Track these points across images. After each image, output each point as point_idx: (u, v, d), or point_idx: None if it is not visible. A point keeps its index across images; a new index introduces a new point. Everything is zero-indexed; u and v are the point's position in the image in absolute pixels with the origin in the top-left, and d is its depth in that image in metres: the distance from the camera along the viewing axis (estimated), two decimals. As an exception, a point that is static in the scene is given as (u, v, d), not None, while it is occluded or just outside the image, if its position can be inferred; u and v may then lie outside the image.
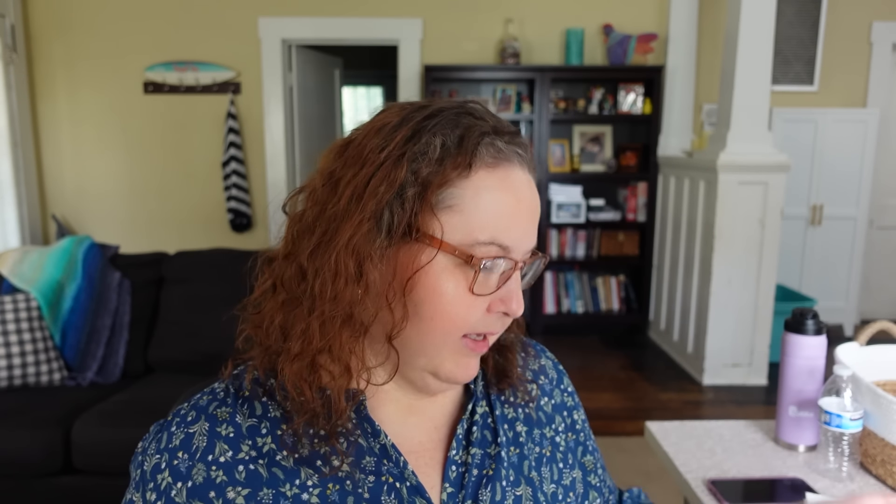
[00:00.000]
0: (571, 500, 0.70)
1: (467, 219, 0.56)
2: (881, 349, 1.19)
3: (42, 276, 2.47)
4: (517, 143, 0.60)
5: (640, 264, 4.41)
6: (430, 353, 0.60)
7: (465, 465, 0.64)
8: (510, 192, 0.57)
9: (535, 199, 0.60)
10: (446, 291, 0.56)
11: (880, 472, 1.08)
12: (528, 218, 0.59)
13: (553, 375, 0.77)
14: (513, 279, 0.59)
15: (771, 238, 3.43)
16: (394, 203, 0.55)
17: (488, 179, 0.56)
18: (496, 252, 0.57)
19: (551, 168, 4.32)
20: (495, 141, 0.58)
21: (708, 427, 1.29)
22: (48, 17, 4.13)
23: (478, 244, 0.56)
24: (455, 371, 0.61)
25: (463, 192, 0.56)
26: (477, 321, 0.59)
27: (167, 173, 4.34)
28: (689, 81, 4.27)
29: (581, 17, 4.28)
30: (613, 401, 3.36)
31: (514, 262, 0.58)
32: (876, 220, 4.68)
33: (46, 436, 2.09)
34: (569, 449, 0.73)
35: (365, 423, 0.61)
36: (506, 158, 0.58)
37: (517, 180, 0.58)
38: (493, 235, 0.56)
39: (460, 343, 0.60)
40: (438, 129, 0.57)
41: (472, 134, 0.57)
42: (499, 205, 0.57)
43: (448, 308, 0.57)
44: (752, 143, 3.36)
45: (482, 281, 0.57)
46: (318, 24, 4.21)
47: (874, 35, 4.46)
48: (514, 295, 0.59)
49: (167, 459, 0.58)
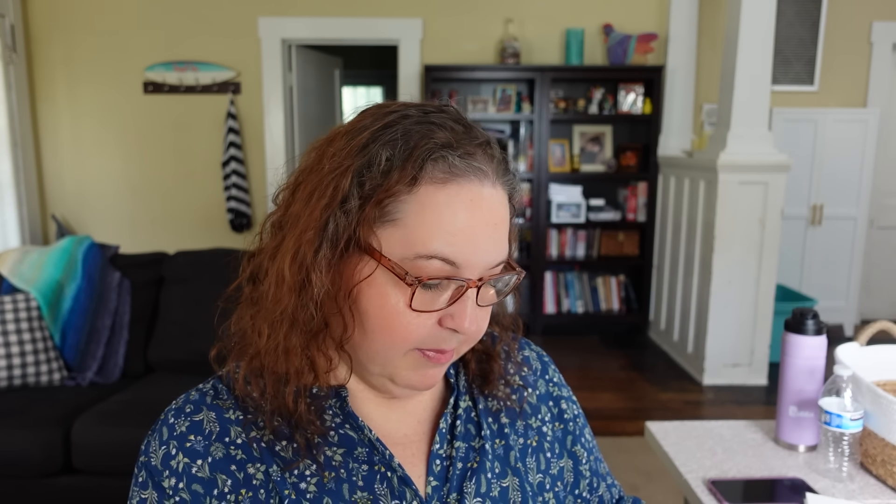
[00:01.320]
0: (559, 489, 0.70)
1: (409, 233, 0.54)
2: (881, 349, 1.19)
3: (42, 276, 2.47)
4: (479, 157, 0.57)
5: (640, 264, 4.41)
6: (382, 361, 0.59)
7: (450, 459, 0.64)
8: (461, 209, 0.55)
9: (497, 213, 0.57)
10: (386, 305, 0.55)
11: (880, 472, 1.08)
12: (485, 234, 0.56)
13: (537, 366, 0.76)
14: (465, 297, 0.57)
15: (771, 238, 3.43)
16: (338, 213, 0.55)
17: (436, 195, 0.54)
18: (439, 268, 0.55)
19: (551, 168, 4.32)
20: (448, 155, 0.55)
21: (708, 427, 1.29)
22: (48, 16, 4.13)
23: (419, 258, 0.54)
24: (412, 379, 0.60)
25: (407, 206, 0.54)
26: (426, 336, 0.57)
27: (167, 173, 4.34)
28: (689, 81, 4.27)
29: (581, 17, 4.28)
30: (613, 401, 3.36)
31: (467, 281, 0.56)
32: (876, 220, 4.68)
33: (46, 436, 2.09)
34: (556, 439, 0.73)
35: (350, 419, 0.62)
36: (459, 174, 0.55)
37: (472, 196, 0.56)
38: (437, 250, 0.54)
39: (414, 354, 0.59)
40: (390, 141, 0.55)
41: (422, 147, 0.55)
42: (445, 220, 0.54)
43: (390, 322, 0.56)
44: (752, 143, 3.36)
45: (423, 297, 0.56)
46: (318, 24, 4.21)
47: (874, 35, 4.46)
48: (465, 314, 0.57)
49: (177, 445, 0.59)
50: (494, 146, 0.60)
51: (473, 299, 0.57)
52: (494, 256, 0.57)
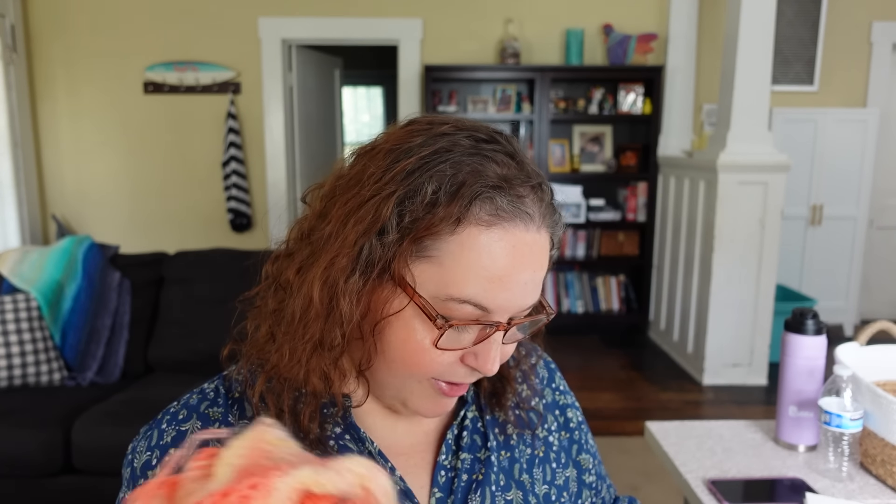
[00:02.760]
0: (565, 499, 0.70)
1: (445, 273, 0.52)
2: (881, 349, 1.19)
3: (42, 276, 2.47)
4: (528, 201, 0.54)
5: (640, 264, 4.41)
6: (397, 387, 0.59)
7: (455, 470, 0.64)
8: (503, 255, 0.52)
9: (538, 261, 0.55)
10: (412, 340, 0.54)
11: (880, 472, 1.08)
12: (522, 281, 0.54)
13: (544, 374, 0.75)
14: (491, 340, 0.55)
15: (771, 238, 3.43)
16: (374, 242, 0.52)
17: (480, 237, 0.52)
18: (471, 312, 0.53)
19: (551, 168, 4.32)
20: (497, 197, 0.52)
21: (708, 427, 1.29)
22: (48, 16, 4.13)
23: (452, 300, 0.52)
24: (423, 406, 0.60)
25: (447, 245, 0.52)
26: (445, 370, 0.57)
27: (167, 173, 4.34)
28: (689, 81, 4.27)
29: (581, 17, 4.28)
30: (613, 401, 3.36)
31: (496, 324, 0.55)
32: (876, 220, 4.68)
33: (46, 436, 2.09)
34: (562, 448, 0.72)
35: (351, 430, 0.61)
36: (507, 218, 0.53)
37: (516, 242, 0.53)
38: (471, 295, 0.52)
39: (430, 384, 0.58)
40: (437, 172, 0.52)
41: (471, 185, 0.52)
42: (484, 266, 0.52)
43: (412, 357, 0.55)
44: (752, 143, 3.36)
45: (450, 336, 0.54)
46: (318, 24, 4.21)
47: (874, 35, 4.46)
48: (489, 355, 0.55)
49: (158, 456, 0.58)
50: (546, 187, 0.57)
51: (500, 341, 0.56)
52: (528, 301, 0.56)
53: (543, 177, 0.57)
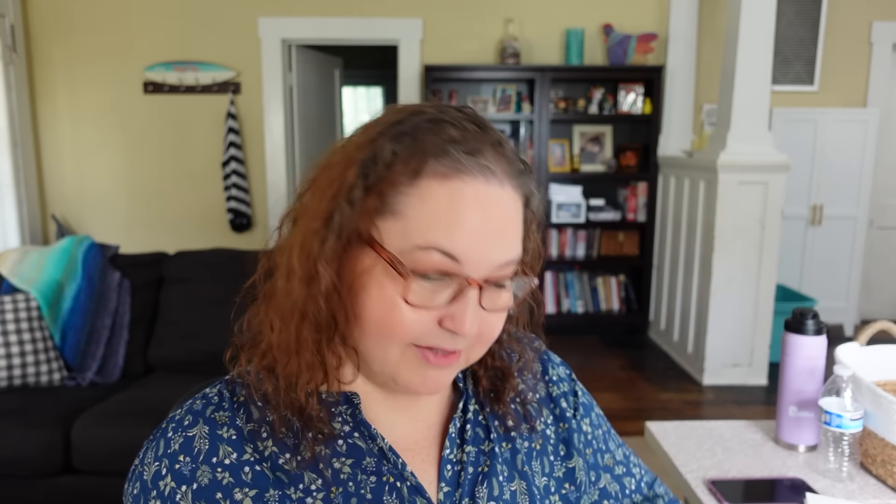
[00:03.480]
0: (567, 491, 0.69)
1: (409, 225, 0.54)
2: (881, 349, 1.19)
3: (42, 276, 2.47)
4: (488, 156, 0.56)
5: (640, 264, 4.41)
6: (379, 358, 0.58)
7: (461, 464, 0.64)
8: (462, 203, 0.54)
9: (503, 213, 0.56)
10: (383, 297, 0.55)
11: (880, 472, 1.08)
12: (488, 230, 0.55)
13: (537, 369, 0.75)
14: (466, 297, 0.55)
15: (771, 238, 3.42)
16: (343, 204, 0.55)
17: (438, 189, 0.54)
18: (440, 262, 0.54)
19: (551, 168, 4.32)
20: (453, 151, 0.54)
21: (708, 427, 1.29)
22: (48, 17, 4.13)
23: (418, 250, 0.53)
24: (412, 381, 0.58)
25: (408, 198, 0.54)
26: (423, 333, 0.56)
27: (167, 173, 4.34)
28: (689, 81, 4.27)
29: (581, 17, 4.28)
30: (613, 401, 3.36)
31: (466, 279, 0.54)
32: (876, 220, 4.68)
33: (46, 436, 2.09)
34: (560, 440, 0.71)
35: (361, 427, 0.61)
36: (464, 170, 0.54)
37: (477, 193, 0.55)
38: (435, 241, 0.53)
39: (413, 352, 0.57)
40: (397, 135, 0.55)
41: (427, 141, 0.55)
42: (444, 213, 0.54)
43: (384, 315, 0.55)
44: (752, 143, 3.36)
45: (423, 292, 0.54)
46: (318, 24, 4.21)
47: (874, 35, 4.46)
48: (465, 314, 0.54)
49: (167, 465, 0.57)
50: (507, 146, 0.59)
51: (475, 301, 0.55)
52: (499, 256, 0.56)
53: (505, 139, 0.59)
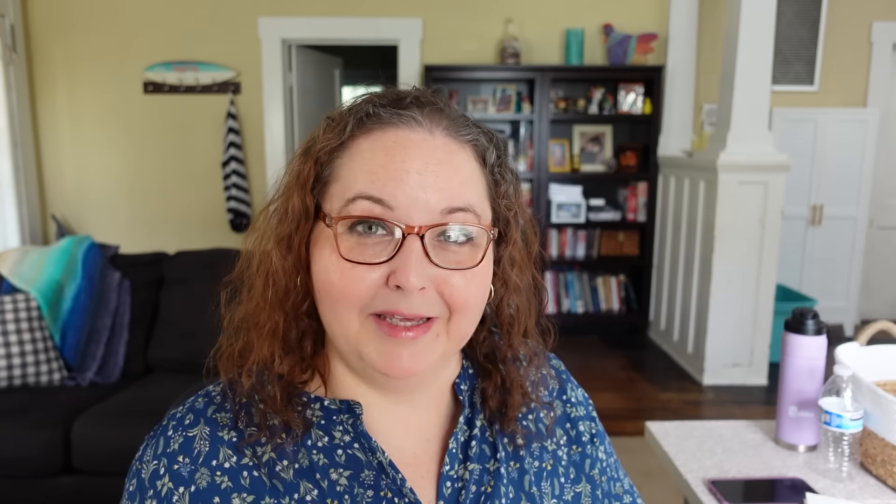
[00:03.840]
0: None
1: (342, 184, 0.56)
2: (881, 349, 1.19)
3: (42, 276, 2.47)
4: (412, 108, 0.56)
5: (640, 264, 4.41)
6: (342, 332, 0.56)
7: (462, 481, 0.61)
8: (382, 149, 0.55)
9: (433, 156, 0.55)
10: (323, 259, 0.55)
11: (880, 472, 1.08)
12: (413, 172, 0.53)
13: (554, 385, 0.72)
14: (405, 247, 0.52)
15: (771, 238, 3.42)
16: (295, 186, 0.58)
17: (364, 143, 0.56)
18: (367, 207, 0.53)
19: (551, 168, 4.32)
20: (376, 109, 0.56)
21: (708, 427, 1.29)
22: (48, 17, 4.13)
23: (347, 203, 0.54)
24: (377, 359, 0.55)
25: (341, 160, 0.56)
26: (371, 295, 0.54)
27: (167, 173, 4.34)
28: (689, 81, 4.27)
29: (581, 17, 4.28)
30: (613, 401, 3.35)
31: (402, 226, 0.53)
32: (876, 220, 4.68)
33: (46, 436, 2.09)
34: (571, 462, 0.68)
35: (361, 438, 0.59)
36: (385, 122, 0.56)
37: (398, 138, 0.55)
38: (360, 189, 0.54)
39: (373, 324, 0.55)
40: (335, 114, 0.59)
41: (353, 107, 0.58)
42: (367, 161, 0.55)
43: (325, 276, 0.55)
44: (752, 143, 3.36)
45: (357, 247, 0.54)
46: (318, 24, 4.21)
47: (874, 35, 4.46)
48: (408, 265, 0.52)
49: (166, 464, 0.57)
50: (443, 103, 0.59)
51: (418, 251, 0.53)
52: (435, 199, 0.53)
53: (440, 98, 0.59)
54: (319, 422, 0.59)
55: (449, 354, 0.60)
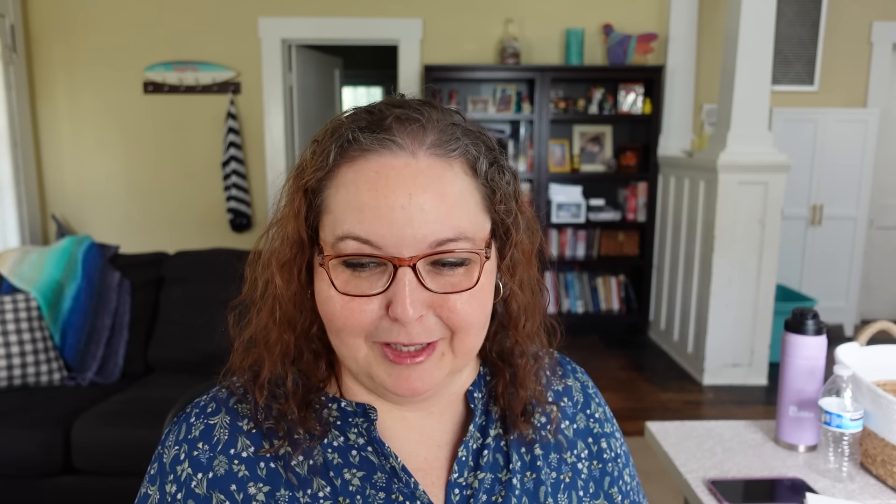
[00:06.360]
0: None
1: (333, 217, 0.55)
2: (881, 349, 1.19)
3: (42, 276, 2.47)
4: (394, 130, 0.54)
5: (640, 264, 4.41)
6: (351, 357, 0.58)
7: (472, 489, 0.61)
8: (364, 183, 0.53)
9: (419, 182, 0.53)
10: (324, 292, 0.56)
11: (880, 472, 1.08)
12: (398, 205, 0.52)
13: (579, 398, 0.71)
14: (397, 279, 0.53)
15: (771, 238, 3.43)
16: (289, 216, 0.58)
17: (347, 174, 0.55)
18: (356, 247, 0.53)
19: (551, 168, 4.32)
20: (355, 135, 0.55)
21: (708, 427, 1.29)
22: (48, 17, 4.13)
23: (338, 241, 0.54)
24: (387, 381, 0.57)
25: (329, 191, 0.56)
26: (372, 326, 0.55)
27: (167, 173, 4.34)
28: (689, 81, 4.27)
29: (581, 17, 4.28)
30: (613, 401, 3.36)
31: (391, 259, 0.53)
32: (876, 220, 4.68)
33: (46, 436, 2.09)
34: (591, 477, 0.68)
35: (374, 443, 0.60)
36: (367, 149, 0.54)
37: (380, 168, 0.53)
38: (348, 229, 0.53)
39: (377, 349, 0.56)
40: (320, 138, 0.58)
41: (337, 132, 0.56)
42: (351, 197, 0.54)
43: (326, 309, 0.56)
44: (752, 143, 3.36)
45: (353, 281, 0.54)
46: (318, 24, 4.21)
47: (874, 35, 4.46)
48: (402, 298, 0.52)
49: (186, 450, 0.58)
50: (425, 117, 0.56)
51: (412, 282, 0.53)
52: (420, 233, 0.52)
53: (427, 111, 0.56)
54: (335, 422, 0.60)
55: (458, 369, 0.61)
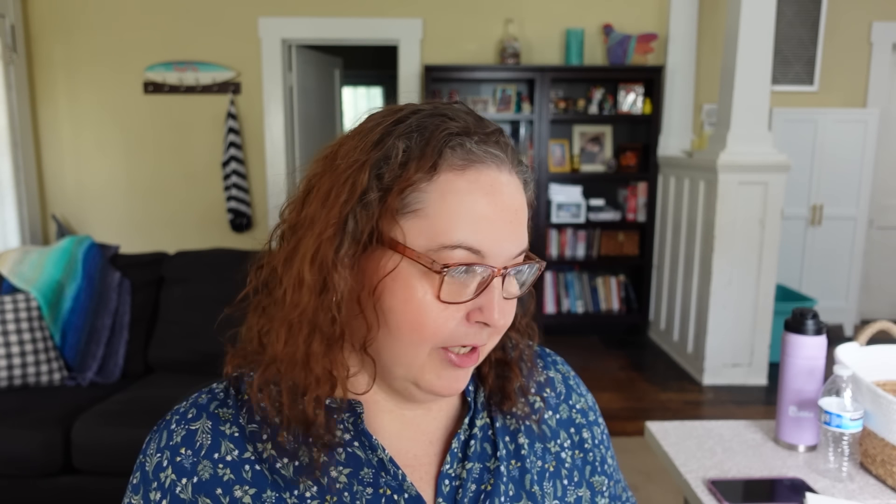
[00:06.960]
0: None
1: (432, 223, 0.53)
2: (881, 349, 1.19)
3: (42, 276, 2.47)
4: (494, 144, 0.57)
5: (640, 264, 4.41)
6: (406, 362, 0.57)
7: (461, 480, 0.61)
8: (481, 194, 0.54)
9: (516, 201, 0.57)
10: (413, 298, 0.54)
11: (880, 472, 1.08)
12: (506, 220, 0.55)
13: (561, 389, 0.73)
14: (492, 287, 0.55)
15: (771, 238, 3.43)
16: (357, 209, 0.53)
17: (456, 182, 0.54)
18: (466, 257, 0.53)
19: (551, 168, 4.32)
20: (465, 142, 0.55)
21: (708, 427, 1.29)
22: (48, 17, 4.13)
23: (444, 249, 0.53)
24: (435, 383, 0.58)
25: (428, 195, 0.53)
26: (454, 332, 0.55)
27: (167, 173, 4.34)
28: (689, 81, 4.27)
29: (581, 17, 4.28)
30: (613, 401, 3.36)
31: (492, 269, 0.54)
32: (876, 220, 4.68)
33: (46, 436, 2.09)
34: (575, 467, 0.69)
35: (362, 436, 0.60)
36: (477, 160, 0.55)
37: (492, 182, 0.55)
38: (461, 239, 0.53)
39: (440, 355, 0.57)
40: (405, 133, 0.55)
41: (438, 136, 0.54)
42: (467, 207, 0.53)
43: (416, 317, 0.54)
44: (752, 143, 3.36)
45: (452, 288, 0.54)
46: (318, 24, 4.21)
47: (874, 35, 4.46)
48: (493, 304, 0.55)
49: (169, 457, 0.58)
50: (505, 135, 0.60)
51: (500, 289, 0.55)
52: (517, 245, 0.57)
53: (501, 128, 0.60)
54: (325, 424, 0.59)
55: None
